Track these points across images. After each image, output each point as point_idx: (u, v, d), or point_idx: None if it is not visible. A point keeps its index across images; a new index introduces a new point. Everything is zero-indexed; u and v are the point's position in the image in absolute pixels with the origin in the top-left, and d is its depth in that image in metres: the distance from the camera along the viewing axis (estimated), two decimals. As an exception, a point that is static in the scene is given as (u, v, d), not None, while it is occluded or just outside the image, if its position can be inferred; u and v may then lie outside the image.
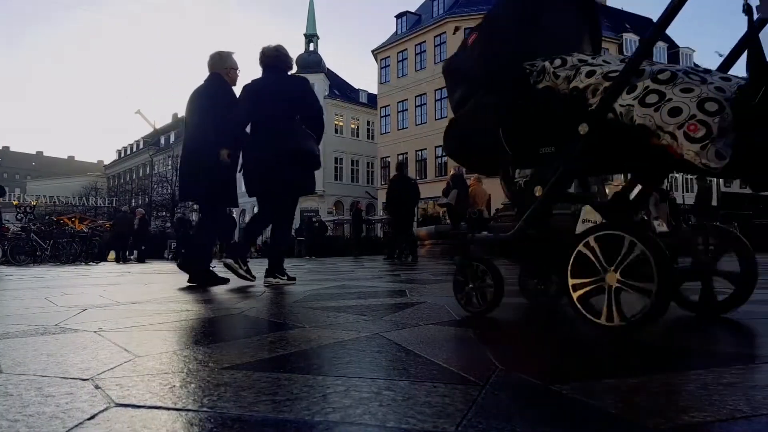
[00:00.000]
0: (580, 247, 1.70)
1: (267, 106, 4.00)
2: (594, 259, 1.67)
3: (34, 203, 28.39)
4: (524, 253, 2.04)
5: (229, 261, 4.21)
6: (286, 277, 4.25)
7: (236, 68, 4.49)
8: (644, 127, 1.60)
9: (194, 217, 28.94)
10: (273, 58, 4.19)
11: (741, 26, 1.70)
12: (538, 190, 1.92)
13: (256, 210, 4.60)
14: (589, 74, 1.80)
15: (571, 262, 1.72)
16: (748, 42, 1.64)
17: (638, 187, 1.99)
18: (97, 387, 1.13)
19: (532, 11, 2.07)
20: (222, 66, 4.39)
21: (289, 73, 4.33)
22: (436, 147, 31.72)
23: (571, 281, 1.71)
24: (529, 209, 1.93)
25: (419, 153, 34.55)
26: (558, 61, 1.90)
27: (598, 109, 1.72)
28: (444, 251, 11.84)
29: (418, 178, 27.96)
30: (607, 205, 1.99)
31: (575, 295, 1.70)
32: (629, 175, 2.10)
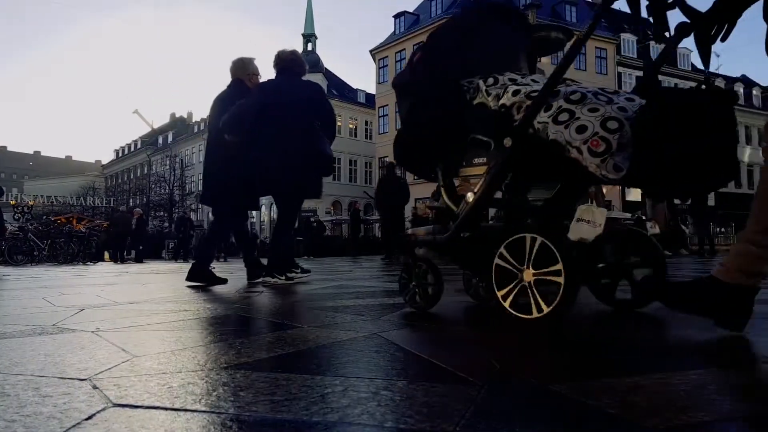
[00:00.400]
0: (497, 261, 1.91)
1: (282, 108, 4.05)
2: (509, 265, 1.87)
3: (31, 203, 28.32)
4: (457, 254, 2.20)
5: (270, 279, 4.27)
6: (284, 277, 4.28)
7: (258, 74, 4.56)
8: (556, 142, 1.80)
9: (194, 216, 28.92)
10: (289, 62, 4.27)
11: (740, 26, 1.72)
12: (469, 196, 2.10)
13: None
14: (515, 93, 1.99)
15: (494, 275, 1.91)
16: (646, 66, 1.82)
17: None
18: (94, 387, 1.12)
19: (470, 34, 2.28)
20: (244, 72, 4.47)
21: (303, 78, 4.40)
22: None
23: (499, 293, 1.89)
24: (461, 213, 2.12)
25: (417, 153, 34.47)
26: (491, 80, 2.10)
27: (521, 124, 1.91)
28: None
29: (414, 178, 27.96)
30: (534, 209, 2.22)
31: (506, 303, 1.88)
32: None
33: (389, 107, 36.31)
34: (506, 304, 1.88)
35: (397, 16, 37.21)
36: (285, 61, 4.28)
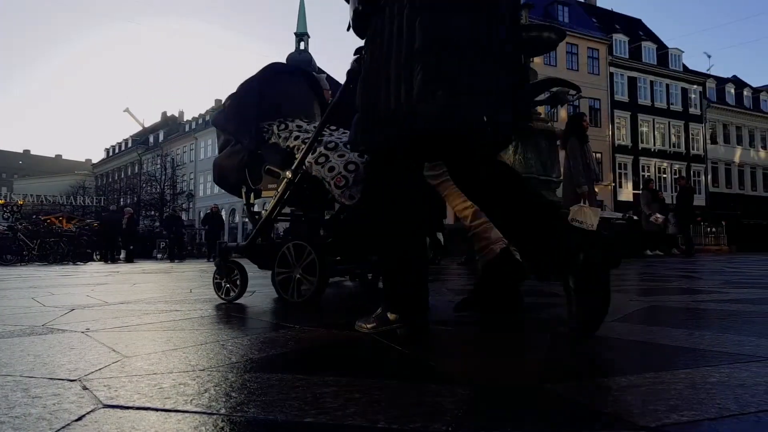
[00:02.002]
0: (284, 249, 2.60)
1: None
2: (290, 258, 2.58)
3: (20, 202, 28.10)
4: (254, 256, 2.84)
5: None
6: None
7: (328, 89, 4.66)
8: (317, 177, 2.56)
9: (184, 216, 28.74)
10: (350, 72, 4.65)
11: (733, 27, 1.73)
12: (264, 212, 2.83)
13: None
14: (296, 138, 2.72)
15: (278, 257, 2.60)
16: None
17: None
18: (84, 388, 1.11)
19: (268, 87, 2.93)
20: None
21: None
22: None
23: (277, 269, 2.62)
24: (257, 225, 2.83)
25: (410, 152, 34.43)
26: (282, 126, 2.82)
27: (298, 162, 2.61)
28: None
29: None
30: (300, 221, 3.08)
31: (278, 279, 2.63)
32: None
33: (382, 107, 36.30)
34: (278, 279, 2.62)
35: (389, 16, 37.18)
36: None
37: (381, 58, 1.54)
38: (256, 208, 3.14)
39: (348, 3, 1.72)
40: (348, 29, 1.72)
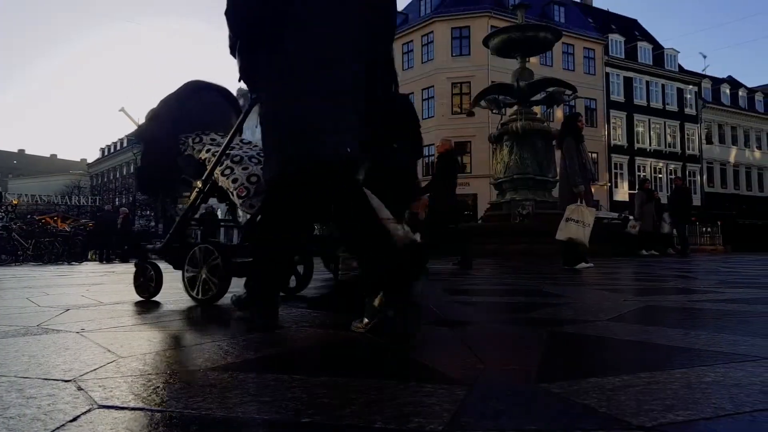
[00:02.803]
0: (195, 250, 2.79)
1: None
2: (199, 258, 2.76)
3: (15, 202, 27.95)
4: (169, 256, 2.99)
5: None
6: None
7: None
8: (222, 188, 2.80)
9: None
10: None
11: (728, 28, 1.74)
12: (180, 214, 3.08)
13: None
14: (207, 151, 2.93)
15: (188, 258, 2.79)
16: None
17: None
18: (79, 388, 1.11)
19: (185, 103, 3.12)
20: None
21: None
22: (424, 146, 31.66)
23: (186, 267, 2.79)
24: (172, 229, 3.01)
25: (406, 152, 34.45)
26: (197, 139, 3.02)
27: (207, 173, 2.81)
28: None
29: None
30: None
31: (186, 276, 2.79)
32: None
33: (378, 106, 36.26)
34: (186, 277, 2.79)
35: (386, 16, 37.13)
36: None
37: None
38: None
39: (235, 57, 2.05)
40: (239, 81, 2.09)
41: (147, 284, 3.07)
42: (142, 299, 2.96)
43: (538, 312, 2.26)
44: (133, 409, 0.98)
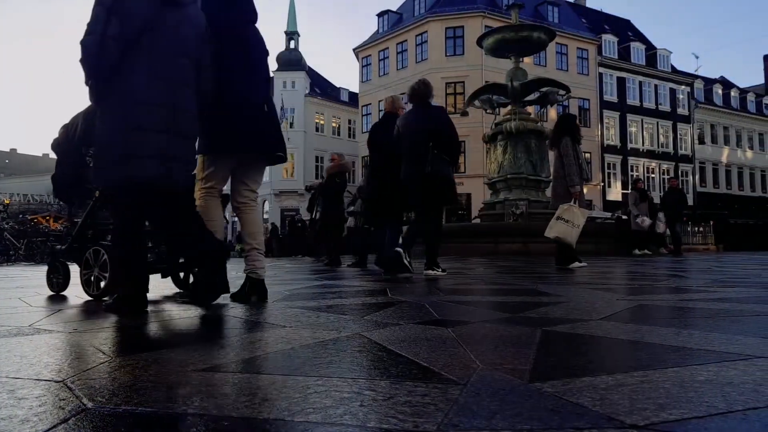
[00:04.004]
0: (87, 254, 3.20)
1: (411, 138, 5.00)
2: (91, 260, 3.17)
3: (7, 201, 27.77)
4: (72, 256, 3.45)
5: (400, 250, 4.97)
6: (440, 269, 5.00)
7: (404, 108, 5.82)
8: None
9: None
10: (420, 95, 5.10)
11: (720, 29, 1.75)
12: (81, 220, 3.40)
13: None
14: None
15: (83, 261, 3.21)
16: None
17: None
18: (70, 389, 1.10)
19: (91, 117, 3.08)
20: (395, 107, 5.91)
21: (430, 100, 5.23)
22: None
23: (82, 270, 3.21)
24: (74, 230, 3.42)
25: (400, 152, 34.43)
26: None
27: None
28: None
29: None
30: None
31: (82, 278, 3.20)
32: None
33: (372, 106, 36.25)
34: (82, 279, 3.20)
35: (380, 15, 37.08)
36: (417, 95, 5.13)
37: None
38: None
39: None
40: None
41: (56, 281, 3.59)
42: (138, 299, 2.93)
43: (532, 311, 2.26)
44: (124, 410, 0.97)
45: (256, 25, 3.01)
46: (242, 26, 2.87)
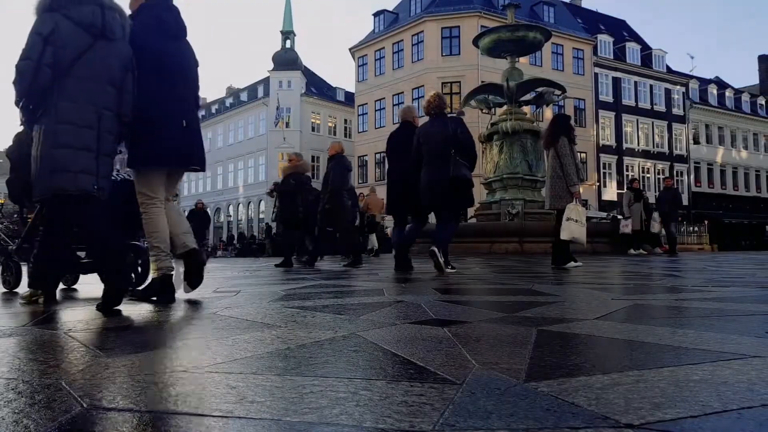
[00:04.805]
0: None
1: (432, 146, 5.33)
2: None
3: (1, 201, 27.63)
4: (24, 255, 3.62)
5: (434, 249, 5.22)
6: (450, 267, 5.24)
7: (417, 116, 6.26)
8: None
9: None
10: (437, 107, 5.52)
11: (715, 29, 1.75)
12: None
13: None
14: None
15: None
16: None
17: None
18: (67, 389, 1.10)
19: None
20: (411, 116, 6.21)
21: (446, 111, 5.64)
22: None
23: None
24: (23, 235, 3.66)
25: (396, 152, 34.40)
26: None
27: None
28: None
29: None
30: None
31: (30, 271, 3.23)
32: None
33: (368, 106, 36.27)
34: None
35: (376, 15, 37.08)
36: (434, 108, 5.51)
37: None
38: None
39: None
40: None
41: (8, 278, 3.86)
42: (133, 299, 2.92)
43: (528, 311, 2.27)
44: (120, 410, 0.97)
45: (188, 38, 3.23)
46: (163, 45, 3.03)
